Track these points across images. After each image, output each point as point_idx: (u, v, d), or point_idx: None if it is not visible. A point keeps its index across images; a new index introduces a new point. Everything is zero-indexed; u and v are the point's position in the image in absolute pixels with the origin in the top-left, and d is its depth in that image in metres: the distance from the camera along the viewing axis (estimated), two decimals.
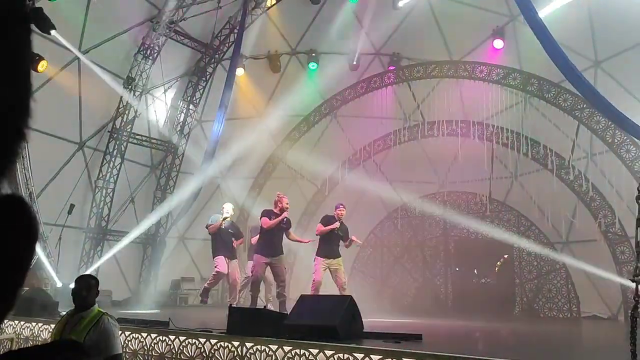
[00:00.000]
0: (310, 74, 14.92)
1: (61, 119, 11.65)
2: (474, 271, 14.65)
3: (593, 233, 11.35)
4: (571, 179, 11.60)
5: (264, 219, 8.25)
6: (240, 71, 14.48)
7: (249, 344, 5.11)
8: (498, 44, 12.67)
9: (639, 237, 4.50)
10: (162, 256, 14.93)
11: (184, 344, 5.62)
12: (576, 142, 11.51)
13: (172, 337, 5.74)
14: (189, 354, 5.54)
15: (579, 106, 11.14)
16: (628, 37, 10.61)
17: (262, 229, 8.32)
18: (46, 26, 9.98)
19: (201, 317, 8.88)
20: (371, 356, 4.40)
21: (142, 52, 13.38)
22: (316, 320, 5.30)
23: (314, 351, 4.68)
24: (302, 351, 4.75)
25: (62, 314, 4.07)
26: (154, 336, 5.88)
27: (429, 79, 13.35)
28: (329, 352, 4.60)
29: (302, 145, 15.41)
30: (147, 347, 5.88)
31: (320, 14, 14.01)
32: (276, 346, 4.93)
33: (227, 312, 6.10)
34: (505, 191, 14.03)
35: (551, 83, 11.53)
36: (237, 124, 14.70)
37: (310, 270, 8.60)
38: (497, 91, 12.16)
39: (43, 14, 9.79)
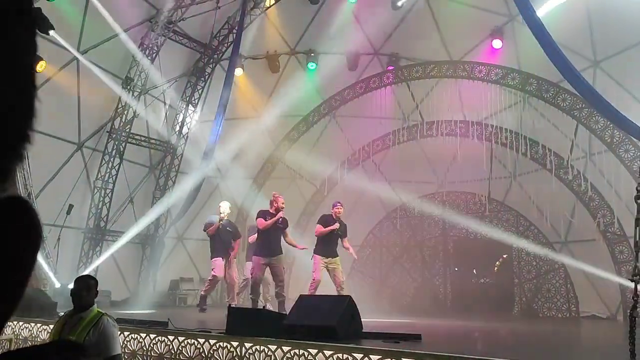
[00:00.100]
0: (309, 74, 14.92)
1: (60, 119, 11.62)
2: (473, 271, 14.66)
3: (592, 233, 11.36)
4: (570, 178, 11.60)
5: (259, 220, 8.29)
6: (239, 71, 14.46)
7: (248, 344, 5.11)
8: (497, 44, 12.68)
9: (637, 236, 4.51)
10: (161, 256, 14.92)
11: (182, 344, 5.61)
12: (575, 141, 11.51)
13: (171, 338, 5.74)
14: (188, 355, 5.54)
15: (577, 106, 11.15)
16: (627, 36, 10.63)
17: (258, 230, 8.35)
18: (45, 26, 9.97)
19: (200, 317, 8.87)
20: (370, 356, 4.40)
21: (141, 52, 13.37)
22: (315, 321, 5.30)
23: (313, 351, 4.68)
24: (301, 351, 4.75)
25: (60, 315, 4.06)
26: (152, 336, 5.87)
27: (427, 79, 13.36)
28: (328, 352, 4.60)
29: (301, 145, 15.41)
30: (146, 348, 5.87)
31: (319, 14, 14.01)
32: (275, 346, 4.93)
33: (226, 312, 6.10)
34: (504, 191, 14.03)
35: (550, 83, 11.53)
36: (236, 124, 14.68)
37: (309, 271, 8.59)
38: (496, 91, 12.17)
39: (41, 14, 9.77)
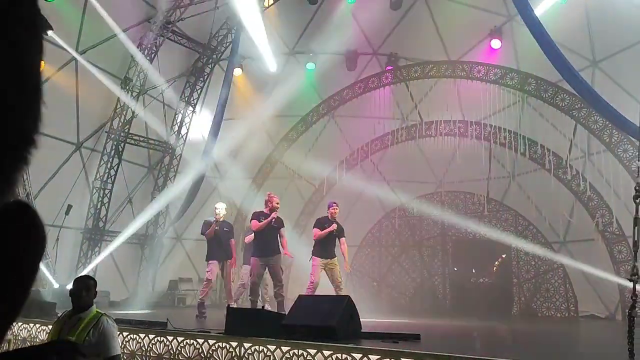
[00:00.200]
0: (308, 74, 14.92)
1: (58, 119, 11.60)
2: (472, 271, 14.65)
3: (591, 232, 11.36)
4: (569, 178, 11.60)
5: (253, 221, 8.35)
6: (237, 71, 14.46)
7: (247, 345, 5.11)
8: (495, 43, 12.69)
9: (636, 236, 4.51)
10: (159, 257, 14.91)
11: (182, 345, 5.61)
12: (574, 141, 11.51)
13: (170, 338, 5.73)
14: (187, 355, 5.54)
15: (576, 106, 11.15)
16: (625, 36, 10.64)
17: (254, 231, 8.38)
18: (43, 27, 9.97)
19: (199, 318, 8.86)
20: (369, 356, 4.40)
21: (140, 52, 13.35)
22: (314, 321, 5.29)
23: (312, 351, 4.68)
24: (300, 351, 4.75)
25: (59, 315, 4.06)
26: (151, 337, 5.87)
27: (426, 79, 13.37)
28: (327, 353, 4.60)
29: (299, 145, 15.40)
30: (145, 348, 5.87)
31: (318, 14, 14.01)
32: (274, 346, 4.93)
33: (225, 312, 6.10)
34: (503, 191, 14.04)
35: (549, 83, 11.54)
36: (235, 124, 14.67)
37: (308, 272, 8.60)
38: (495, 91, 12.18)
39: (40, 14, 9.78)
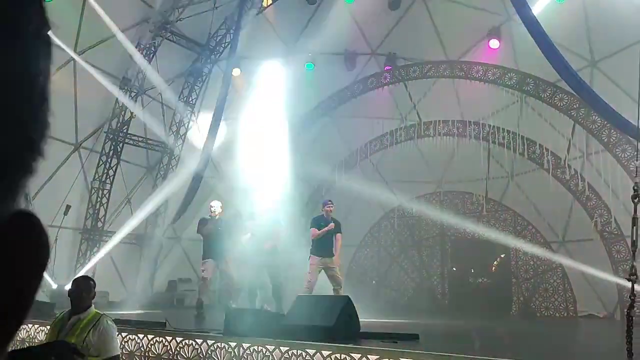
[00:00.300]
0: (307, 74, 14.91)
1: (57, 120, 11.47)
2: (471, 271, 14.66)
3: (589, 232, 11.37)
4: (567, 178, 11.60)
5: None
6: (236, 72, 14.45)
7: (245, 345, 5.11)
8: (494, 43, 12.69)
9: (634, 236, 4.52)
10: (158, 257, 14.89)
11: (180, 345, 5.61)
12: (572, 141, 11.52)
13: (169, 338, 5.73)
14: (185, 355, 5.53)
15: (574, 106, 11.15)
16: (624, 36, 10.64)
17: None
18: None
19: (198, 317, 8.84)
20: (368, 356, 4.40)
21: (138, 52, 13.34)
22: (313, 321, 5.29)
23: (311, 351, 4.68)
24: (299, 351, 4.75)
25: (57, 315, 4.05)
26: (150, 337, 5.87)
27: (425, 79, 13.35)
28: (326, 353, 4.60)
29: (298, 145, 15.36)
30: (143, 349, 5.86)
31: (317, 14, 14.00)
32: (273, 347, 4.93)
33: (224, 312, 6.10)
34: (502, 191, 14.04)
35: (547, 83, 11.53)
36: (233, 124, 14.64)
37: (305, 270, 8.61)
38: (493, 91, 12.18)
39: None
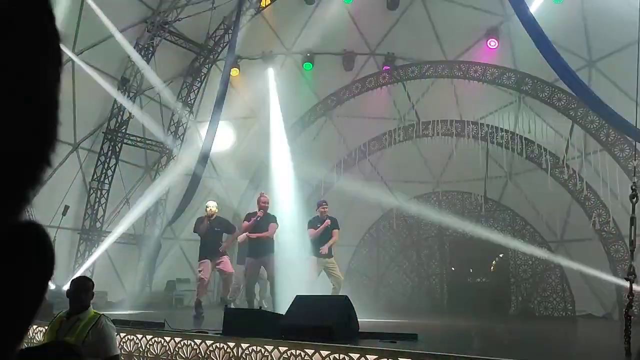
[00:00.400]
0: (306, 75, 14.91)
1: None
2: (470, 270, 14.67)
3: (588, 232, 11.38)
4: (565, 178, 11.62)
5: (245, 222, 8.54)
6: (234, 72, 14.45)
7: (244, 345, 5.11)
8: (492, 43, 12.71)
9: (632, 235, 4.53)
10: (157, 257, 14.87)
11: (179, 346, 5.60)
12: (570, 141, 11.54)
13: (167, 339, 5.73)
14: (184, 356, 5.53)
15: (573, 105, 11.16)
16: (622, 36, 10.62)
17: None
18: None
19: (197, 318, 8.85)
20: (367, 356, 4.40)
21: (137, 53, 13.33)
22: (312, 321, 5.29)
23: (310, 351, 4.68)
24: (298, 351, 4.75)
25: (55, 316, 4.05)
26: (149, 337, 5.86)
27: (423, 78, 13.35)
28: (324, 353, 4.60)
29: (297, 145, 15.38)
30: (142, 349, 5.86)
31: (315, 14, 14.00)
32: (272, 347, 4.93)
33: (223, 313, 6.10)
34: (500, 190, 14.05)
35: (545, 82, 11.54)
36: (232, 124, 14.64)
37: (304, 270, 8.63)
38: (492, 91, 12.19)
39: None
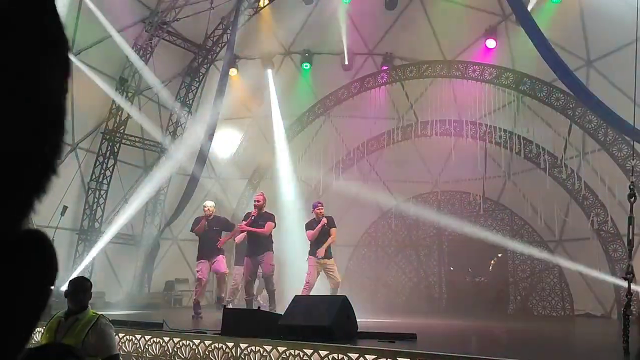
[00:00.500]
0: (304, 74, 14.91)
1: None
2: (468, 270, 14.68)
3: (586, 231, 11.39)
4: (564, 177, 11.63)
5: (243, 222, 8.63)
6: (233, 71, 14.45)
7: (243, 345, 5.11)
8: (490, 43, 12.70)
9: (631, 235, 4.54)
10: (155, 257, 14.86)
11: (178, 346, 5.60)
12: (568, 140, 11.54)
13: (166, 339, 5.73)
14: (183, 356, 5.53)
15: (571, 105, 11.17)
16: (620, 36, 10.63)
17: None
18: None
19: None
20: (365, 356, 4.40)
21: (135, 53, 13.32)
22: (310, 321, 5.30)
23: (309, 351, 4.68)
24: (297, 351, 4.75)
25: (52, 316, 4.04)
26: (147, 338, 5.86)
27: (422, 78, 13.35)
28: (323, 352, 4.60)
29: (295, 145, 15.38)
30: (141, 349, 5.86)
31: (313, 14, 14.00)
32: (270, 347, 4.93)
33: (222, 313, 6.10)
34: (499, 190, 14.05)
35: (543, 82, 11.55)
36: (230, 124, 14.63)
37: (304, 270, 8.62)
38: (490, 90, 12.19)
39: None
